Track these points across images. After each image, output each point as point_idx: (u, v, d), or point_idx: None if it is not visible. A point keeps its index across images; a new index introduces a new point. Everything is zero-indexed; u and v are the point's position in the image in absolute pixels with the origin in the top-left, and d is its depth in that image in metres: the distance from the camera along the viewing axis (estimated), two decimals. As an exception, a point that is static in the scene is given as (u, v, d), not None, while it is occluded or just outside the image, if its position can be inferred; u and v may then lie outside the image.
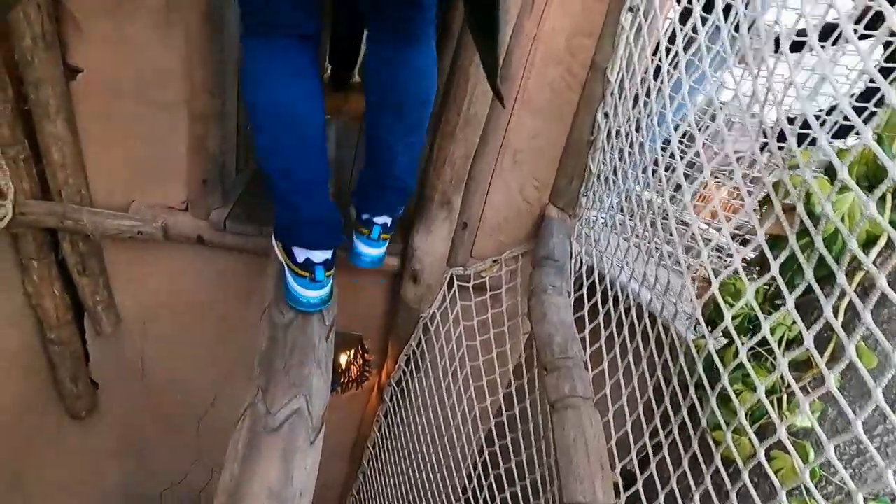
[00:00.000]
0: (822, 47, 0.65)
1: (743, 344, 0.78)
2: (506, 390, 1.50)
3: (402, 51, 1.06)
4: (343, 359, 2.00)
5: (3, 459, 1.63)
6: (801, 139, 0.77)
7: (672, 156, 0.94)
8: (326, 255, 1.12)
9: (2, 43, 1.16)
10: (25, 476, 1.76)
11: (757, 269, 0.96)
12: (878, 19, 0.66)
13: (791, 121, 0.67)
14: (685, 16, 0.96)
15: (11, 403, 1.61)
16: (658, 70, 1.07)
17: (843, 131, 1.47)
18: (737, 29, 0.79)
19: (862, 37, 1.21)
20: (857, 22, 1.24)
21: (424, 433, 1.74)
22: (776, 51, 0.71)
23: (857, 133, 0.53)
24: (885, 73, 1.15)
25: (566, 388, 1.12)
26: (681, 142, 1.03)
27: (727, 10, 0.82)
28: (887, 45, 1.33)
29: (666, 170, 1.00)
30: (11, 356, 1.57)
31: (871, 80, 0.68)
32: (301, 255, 1.10)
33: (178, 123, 1.35)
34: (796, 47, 0.89)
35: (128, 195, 1.46)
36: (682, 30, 0.96)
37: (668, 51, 1.03)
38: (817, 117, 1.39)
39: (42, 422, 1.78)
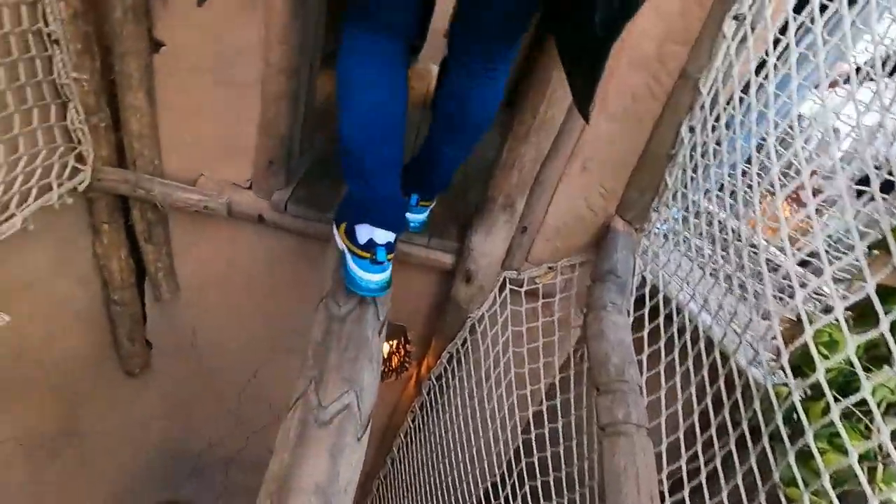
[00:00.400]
0: None
1: (837, 402, 0.71)
2: (549, 402, 1.46)
3: (481, 81, 1.11)
4: (385, 348, 2.01)
5: (62, 405, 1.74)
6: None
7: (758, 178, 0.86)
8: (389, 237, 1.13)
9: (95, 13, 1.18)
10: (80, 422, 1.87)
11: (853, 315, 0.88)
12: None
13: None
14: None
15: (74, 355, 1.71)
16: (760, 86, 0.99)
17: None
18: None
19: None
20: None
21: (460, 432, 1.73)
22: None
23: None
24: None
25: (620, 414, 1.07)
26: (785, 173, 0.95)
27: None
28: None
29: (761, 198, 0.92)
30: (77, 312, 1.66)
31: None
32: (364, 235, 1.12)
33: (250, 103, 1.36)
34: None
35: (196, 169, 1.49)
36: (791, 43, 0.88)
37: (775, 66, 0.95)
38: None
39: (99, 375, 1.88)
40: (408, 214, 1.42)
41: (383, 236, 1.12)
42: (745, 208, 0.98)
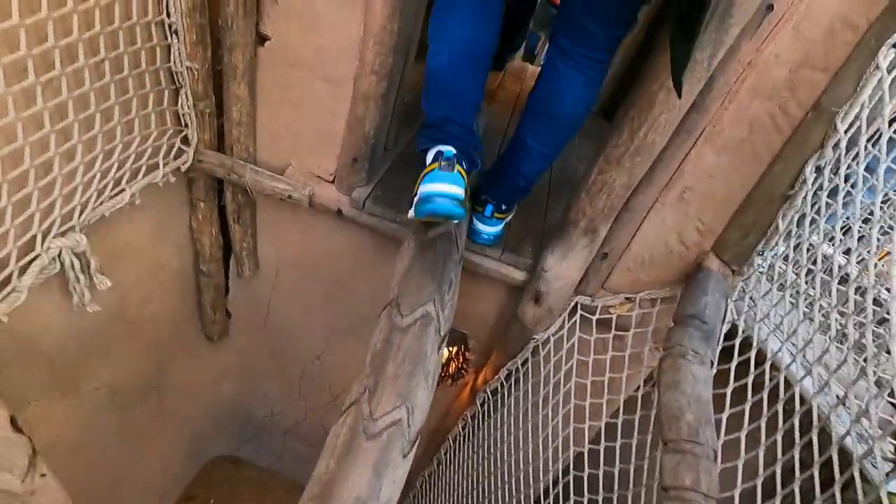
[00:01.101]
0: None
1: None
2: (607, 443, 1.37)
3: (578, 70, 1.13)
4: (444, 353, 2.00)
5: (149, 360, 1.91)
6: None
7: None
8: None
9: (210, 7, 1.24)
10: (163, 376, 2.04)
11: None
12: None
13: None
14: None
15: (164, 316, 1.86)
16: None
17: None
18: None
19: None
20: None
21: (510, 452, 1.68)
22: None
23: None
24: None
25: (687, 479, 0.97)
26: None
27: None
28: None
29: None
30: (171, 276, 1.80)
31: None
32: (434, 151, 1.14)
33: (342, 100, 1.38)
34: None
35: (286, 158, 1.55)
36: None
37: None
38: None
39: (183, 336, 2.04)
40: (481, 226, 1.43)
41: (451, 151, 1.13)
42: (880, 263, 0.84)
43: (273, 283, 1.96)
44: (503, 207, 1.39)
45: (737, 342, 1.19)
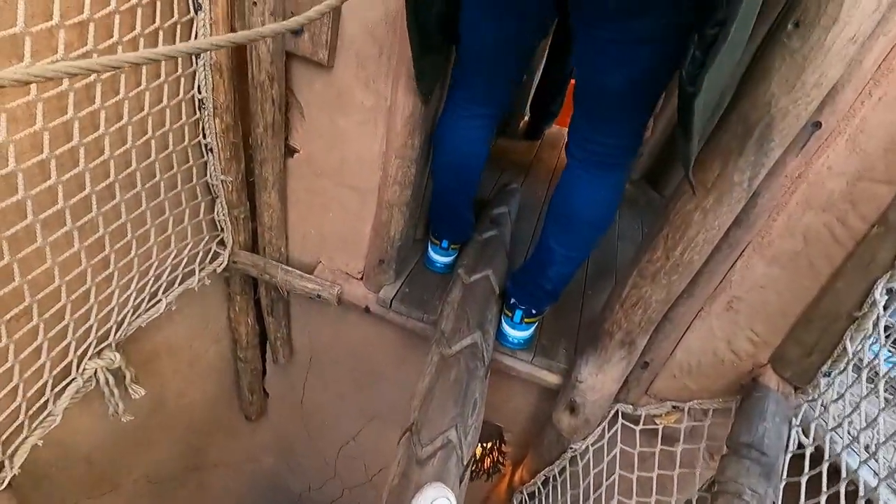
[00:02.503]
0: None
1: None
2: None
3: (595, 172, 1.10)
4: (478, 449, 1.91)
5: (188, 444, 1.94)
6: None
7: None
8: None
9: (242, 127, 1.30)
10: (202, 457, 2.07)
11: None
12: None
13: None
14: None
15: (203, 399, 1.90)
16: None
17: None
18: None
19: None
20: None
21: (549, 567, 1.54)
22: None
23: None
24: None
25: None
26: None
27: None
28: None
29: None
30: (210, 364, 1.84)
31: None
32: (438, 235, 1.53)
33: (367, 206, 1.38)
34: None
35: (316, 256, 1.57)
36: None
37: None
38: None
39: (222, 417, 2.07)
40: (511, 331, 1.38)
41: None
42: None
43: (307, 369, 1.96)
44: (532, 312, 1.35)
45: (804, 478, 1.04)
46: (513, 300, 1.35)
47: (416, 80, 1.08)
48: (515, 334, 1.37)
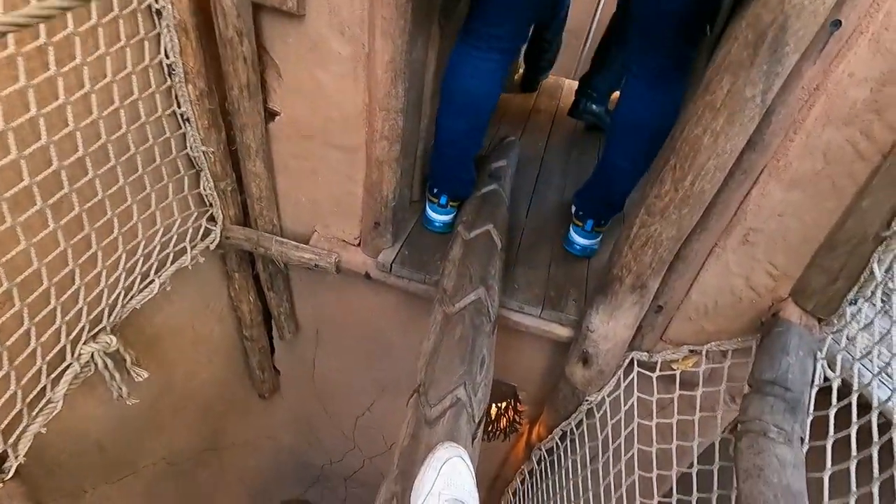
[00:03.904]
0: None
1: None
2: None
3: (651, 84, 1.16)
4: (493, 409, 1.88)
5: (204, 426, 1.95)
6: None
7: None
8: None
9: (217, 92, 1.23)
10: (219, 436, 2.08)
11: None
12: None
13: None
14: None
15: (213, 382, 1.89)
16: None
17: None
18: None
19: None
20: None
21: (571, 521, 1.53)
22: None
23: None
24: None
25: None
26: None
27: None
28: None
29: None
30: (216, 344, 1.82)
31: None
32: (437, 191, 1.48)
33: (357, 166, 1.32)
34: None
35: (310, 225, 1.51)
36: None
37: None
38: None
39: (235, 397, 2.07)
40: (581, 240, 1.49)
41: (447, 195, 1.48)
42: None
43: (314, 342, 1.93)
44: (602, 222, 1.45)
45: (832, 411, 0.99)
46: (581, 212, 1.46)
47: None
48: (586, 242, 1.48)
